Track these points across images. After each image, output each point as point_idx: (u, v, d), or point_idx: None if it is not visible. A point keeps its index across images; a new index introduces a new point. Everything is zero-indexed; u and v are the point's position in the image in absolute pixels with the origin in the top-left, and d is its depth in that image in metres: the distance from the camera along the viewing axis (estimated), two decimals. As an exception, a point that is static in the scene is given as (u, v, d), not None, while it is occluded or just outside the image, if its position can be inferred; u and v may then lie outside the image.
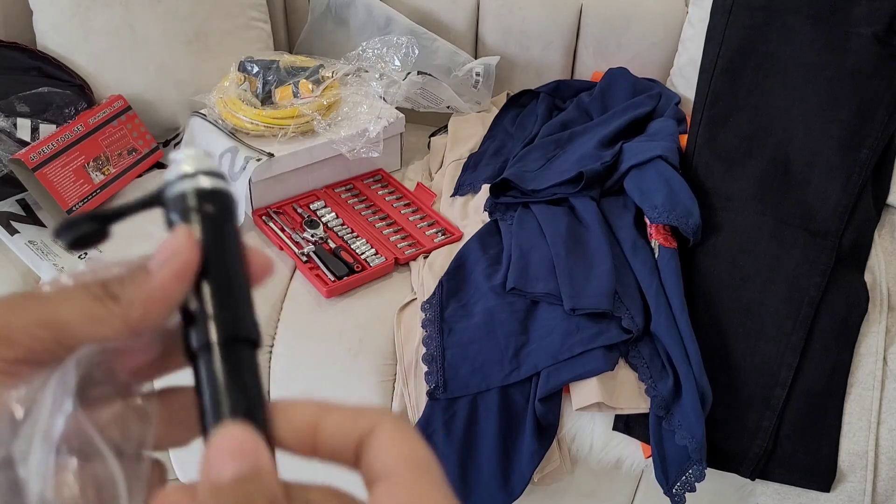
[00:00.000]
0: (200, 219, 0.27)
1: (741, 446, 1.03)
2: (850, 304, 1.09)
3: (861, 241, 1.16)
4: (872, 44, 1.18)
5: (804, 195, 1.17)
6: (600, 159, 1.25)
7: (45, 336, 0.24)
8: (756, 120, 1.22)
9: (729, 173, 1.20)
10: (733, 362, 1.06)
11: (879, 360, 1.05)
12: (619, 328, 1.04)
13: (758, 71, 1.23)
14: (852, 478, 1.01)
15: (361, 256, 1.21)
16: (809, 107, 1.20)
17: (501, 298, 1.10)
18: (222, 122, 1.30)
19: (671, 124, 1.34)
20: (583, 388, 1.01)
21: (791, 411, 1.03)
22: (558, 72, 1.63)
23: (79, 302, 0.25)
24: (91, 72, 1.40)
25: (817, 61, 1.20)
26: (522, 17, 1.57)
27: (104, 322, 0.25)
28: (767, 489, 1.05)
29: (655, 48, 1.56)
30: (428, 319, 1.10)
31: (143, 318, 0.26)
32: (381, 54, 1.42)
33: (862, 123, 1.18)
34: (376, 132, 1.30)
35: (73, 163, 1.25)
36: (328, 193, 1.36)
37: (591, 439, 1.07)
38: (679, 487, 1.00)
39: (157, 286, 0.26)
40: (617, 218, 1.20)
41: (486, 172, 1.36)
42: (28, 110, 1.25)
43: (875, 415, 1.02)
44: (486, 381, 1.03)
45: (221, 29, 1.46)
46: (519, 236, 1.17)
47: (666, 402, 1.00)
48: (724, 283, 1.11)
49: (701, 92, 1.27)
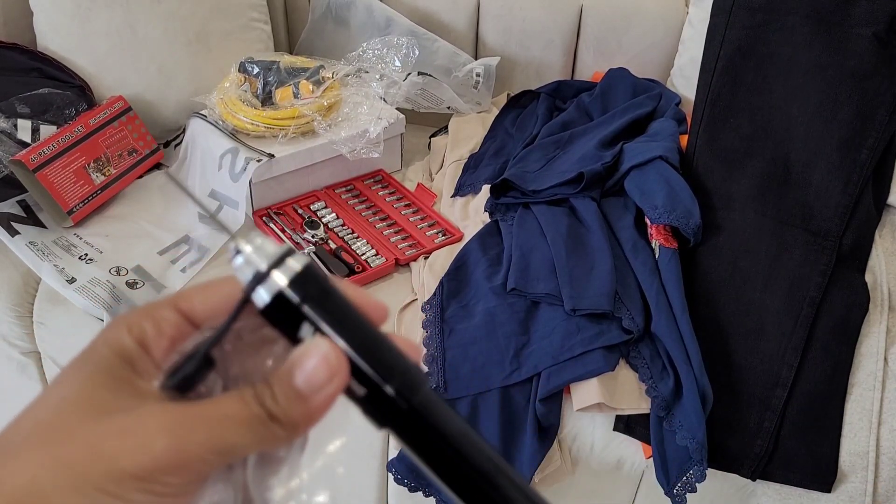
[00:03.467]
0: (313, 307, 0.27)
1: (742, 447, 1.03)
2: (851, 304, 1.09)
3: (861, 242, 1.16)
4: (872, 44, 1.18)
5: (805, 195, 1.17)
6: (601, 160, 1.25)
7: (216, 461, 0.25)
8: (756, 120, 1.22)
9: (729, 173, 1.20)
10: (734, 362, 1.06)
11: (880, 361, 1.05)
12: (620, 329, 1.04)
13: (758, 71, 1.23)
14: (853, 478, 1.01)
15: (362, 257, 1.21)
16: (810, 107, 1.20)
17: (502, 299, 1.10)
18: (222, 122, 1.30)
19: (671, 125, 1.34)
20: (583, 388, 1.01)
21: (792, 411, 1.03)
22: (558, 72, 1.63)
23: (246, 426, 0.25)
24: (92, 73, 1.40)
25: (817, 61, 1.20)
26: (523, 17, 1.57)
27: (270, 443, 0.26)
28: (768, 490, 1.05)
29: (656, 48, 1.56)
30: (428, 320, 1.10)
31: (303, 434, 0.27)
32: (381, 55, 1.42)
33: (862, 123, 1.18)
34: (377, 133, 1.30)
35: (74, 164, 1.25)
36: (329, 194, 1.36)
37: (591, 440, 1.07)
38: (680, 488, 1.00)
39: (316, 411, 0.26)
40: (617, 218, 1.20)
41: (486, 173, 1.36)
42: (28, 111, 1.25)
43: (876, 415, 1.02)
44: (486, 382, 1.03)
45: (222, 30, 1.46)
46: (519, 237, 1.17)
47: (667, 403, 1.00)
48: (724, 284, 1.11)
49: (701, 92, 1.27)
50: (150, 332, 0.27)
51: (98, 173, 1.29)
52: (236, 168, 1.23)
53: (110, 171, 1.31)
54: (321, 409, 0.26)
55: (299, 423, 0.26)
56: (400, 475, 1.06)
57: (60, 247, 1.21)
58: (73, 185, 1.24)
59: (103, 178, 1.29)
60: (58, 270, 1.16)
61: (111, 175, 1.31)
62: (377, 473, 1.19)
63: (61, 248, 1.21)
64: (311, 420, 0.27)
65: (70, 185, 1.24)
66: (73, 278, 1.15)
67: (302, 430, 0.27)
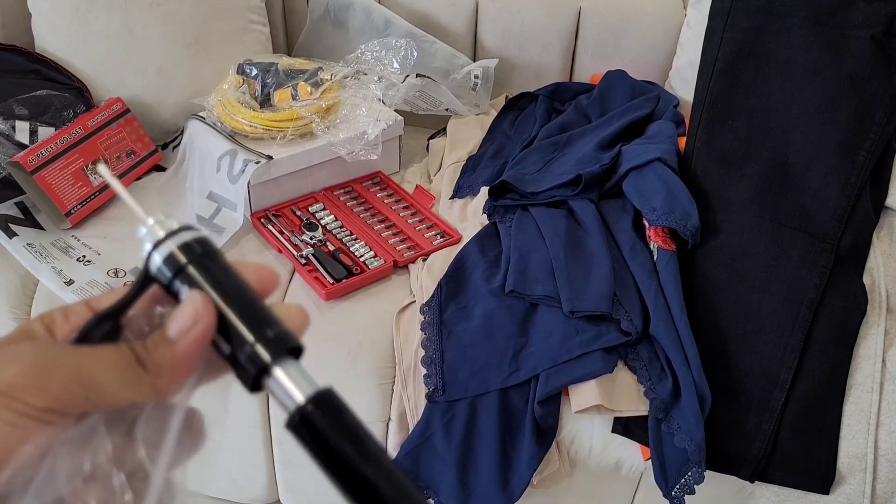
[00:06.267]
0: (197, 268, 0.29)
1: (740, 448, 1.03)
2: (849, 306, 1.09)
3: (860, 244, 1.16)
4: (870, 46, 1.18)
5: (803, 197, 1.17)
6: (599, 162, 1.25)
7: (78, 392, 0.26)
8: (754, 122, 1.22)
9: (727, 175, 1.21)
10: (732, 364, 1.06)
11: (878, 363, 1.05)
12: (618, 330, 1.04)
13: (756, 73, 1.24)
14: (851, 480, 1.01)
15: (360, 259, 1.21)
16: (808, 109, 1.20)
17: (500, 301, 1.10)
18: (221, 124, 1.30)
19: (670, 127, 1.34)
20: (582, 390, 1.01)
21: (790, 413, 1.03)
22: (557, 74, 1.63)
23: (112, 365, 0.27)
24: (90, 74, 1.40)
25: (815, 64, 1.20)
26: (521, 19, 1.57)
27: (133, 388, 0.27)
28: (767, 491, 1.05)
29: (654, 50, 1.57)
30: (427, 322, 1.10)
31: (169, 384, 0.28)
32: (379, 57, 1.42)
33: (860, 126, 1.18)
34: (375, 135, 1.30)
35: (72, 165, 1.25)
36: (327, 196, 1.36)
37: (590, 442, 1.07)
38: (678, 490, 1.00)
39: (181, 354, 0.28)
40: (616, 220, 1.20)
41: (484, 175, 1.36)
42: (27, 113, 1.25)
43: (874, 417, 1.02)
44: (485, 384, 1.03)
45: (220, 32, 1.46)
46: (518, 239, 1.17)
47: (665, 405, 1.00)
48: (722, 286, 1.11)
49: (699, 94, 1.27)
50: (57, 320, 0.29)
51: (96, 175, 1.29)
52: (235, 170, 1.23)
53: (108, 172, 1.31)
54: (186, 355, 0.28)
55: (163, 368, 0.27)
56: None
57: (58, 248, 1.21)
58: (72, 187, 1.24)
59: (101, 179, 1.29)
60: (56, 272, 1.16)
61: (109, 177, 1.31)
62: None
63: (59, 249, 1.21)
64: (176, 366, 0.28)
65: (68, 186, 1.24)
66: (71, 280, 1.15)
67: (167, 376, 0.28)
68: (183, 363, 0.28)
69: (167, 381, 0.28)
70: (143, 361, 0.27)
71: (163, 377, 0.28)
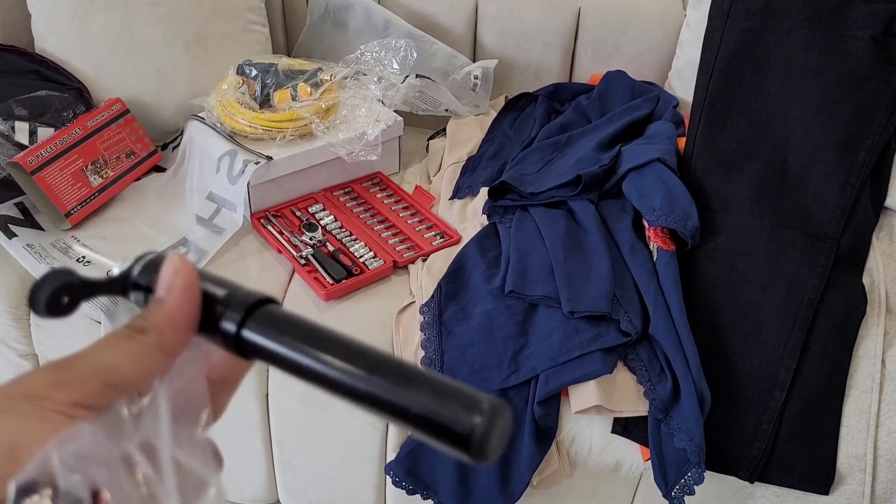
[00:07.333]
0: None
1: (740, 449, 1.03)
2: (849, 306, 1.09)
3: (859, 244, 1.16)
4: (870, 47, 1.18)
5: (802, 198, 1.17)
6: (598, 162, 1.25)
7: (95, 381, 0.27)
8: (754, 122, 1.22)
9: (727, 176, 1.21)
10: (732, 365, 1.06)
11: (878, 363, 1.05)
12: (618, 331, 1.04)
13: (756, 74, 1.24)
14: (851, 480, 1.01)
15: (360, 259, 1.21)
16: (807, 109, 1.20)
17: (500, 301, 1.10)
18: (221, 125, 1.30)
19: (669, 127, 1.34)
20: (581, 390, 1.01)
21: (790, 414, 1.03)
22: (556, 74, 1.63)
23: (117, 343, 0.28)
24: (89, 75, 1.40)
25: (815, 64, 1.21)
26: (521, 19, 1.57)
27: (142, 355, 0.28)
28: (766, 492, 1.05)
29: (653, 51, 1.57)
30: (426, 322, 1.10)
31: (174, 338, 0.29)
32: (379, 57, 1.42)
33: (859, 126, 1.18)
34: (374, 135, 1.31)
35: (72, 166, 1.25)
36: (326, 196, 1.36)
37: (589, 442, 1.07)
38: (678, 490, 1.00)
39: (174, 305, 0.29)
40: (615, 221, 1.20)
41: (484, 175, 1.36)
42: (26, 113, 1.25)
43: (874, 417, 1.02)
44: (484, 384, 1.03)
45: (220, 32, 1.46)
46: (517, 239, 1.17)
47: (664, 405, 1.00)
48: (722, 286, 1.11)
49: (699, 94, 1.27)
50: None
51: (96, 175, 1.29)
52: (234, 170, 1.23)
53: (108, 173, 1.31)
54: (178, 306, 0.29)
55: (163, 325, 0.29)
56: (398, 478, 1.06)
57: (58, 249, 1.21)
58: (71, 188, 1.24)
59: (101, 180, 1.29)
60: (55, 273, 1.16)
61: (109, 177, 1.31)
62: (375, 476, 1.19)
63: (59, 250, 1.21)
64: (173, 319, 0.29)
65: (68, 187, 1.24)
66: (70, 281, 1.15)
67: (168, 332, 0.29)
68: (178, 315, 0.29)
69: (170, 336, 0.29)
70: (143, 328, 0.29)
71: (165, 334, 0.29)
